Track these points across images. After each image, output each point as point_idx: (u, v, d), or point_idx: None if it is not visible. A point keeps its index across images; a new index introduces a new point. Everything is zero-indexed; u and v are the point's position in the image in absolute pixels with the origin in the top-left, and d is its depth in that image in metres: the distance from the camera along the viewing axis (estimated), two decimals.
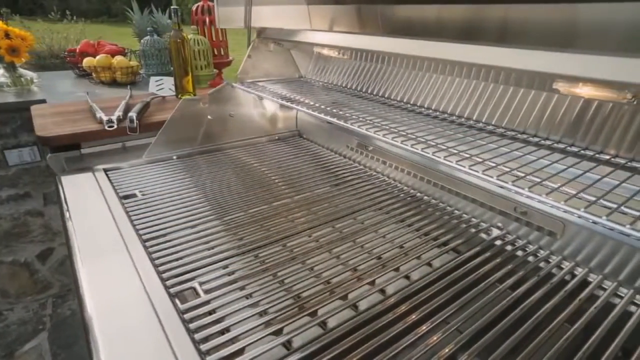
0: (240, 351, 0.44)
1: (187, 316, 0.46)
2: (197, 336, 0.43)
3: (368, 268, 0.60)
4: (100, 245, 0.57)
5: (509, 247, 0.65)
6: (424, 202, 0.80)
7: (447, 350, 0.45)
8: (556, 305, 0.52)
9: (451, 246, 0.66)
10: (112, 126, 0.91)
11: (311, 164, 0.98)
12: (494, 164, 0.52)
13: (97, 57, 1.73)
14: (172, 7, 1.17)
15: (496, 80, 0.68)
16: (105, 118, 0.92)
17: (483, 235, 0.69)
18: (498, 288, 0.55)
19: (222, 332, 0.46)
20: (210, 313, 0.49)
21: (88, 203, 0.69)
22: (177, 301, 0.49)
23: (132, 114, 0.94)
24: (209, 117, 0.97)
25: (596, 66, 0.41)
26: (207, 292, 0.51)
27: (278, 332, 0.48)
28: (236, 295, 0.53)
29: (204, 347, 0.42)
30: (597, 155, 0.55)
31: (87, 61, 1.78)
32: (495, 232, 0.69)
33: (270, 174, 0.91)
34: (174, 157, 0.94)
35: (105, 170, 0.84)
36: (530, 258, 0.62)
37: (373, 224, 0.72)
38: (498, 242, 0.66)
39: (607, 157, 0.54)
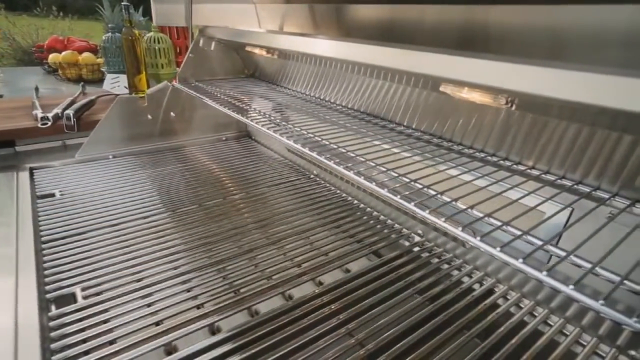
0: (113, 355, 0.42)
1: (55, 323, 0.44)
2: (55, 345, 0.41)
3: (281, 269, 0.59)
4: None
5: (425, 254, 0.63)
6: (353, 206, 0.78)
7: (345, 346, 0.45)
8: (459, 310, 0.51)
9: (373, 249, 0.65)
10: (46, 123, 0.89)
11: (254, 165, 0.96)
12: (420, 186, 0.50)
13: (63, 53, 1.71)
14: (123, 3, 1.15)
15: (425, 85, 0.66)
16: (40, 115, 0.90)
17: (404, 241, 0.68)
18: (408, 291, 0.54)
19: (96, 337, 0.44)
20: (91, 316, 0.47)
21: None
22: (54, 307, 0.47)
23: (70, 111, 0.92)
24: (149, 116, 0.95)
25: (473, 70, 0.39)
26: (90, 296, 0.50)
27: (162, 334, 0.46)
28: (131, 297, 0.51)
29: (57, 356, 0.40)
30: (512, 165, 0.54)
31: (52, 57, 1.76)
32: (417, 238, 0.67)
33: (209, 175, 0.90)
34: (110, 157, 0.92)
35: (32, 169, 0.82)
36: (445, 266, 0.61)
37: (300, 226, 0.71)
38: (417, 249, 0.65)
39: (524, 168, 0.52)
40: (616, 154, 0.42)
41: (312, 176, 0.90)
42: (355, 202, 0.79)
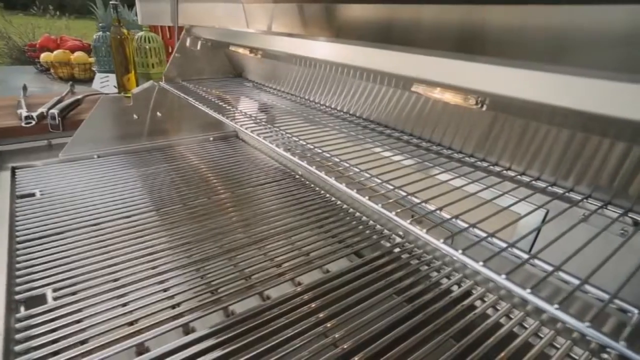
0: (82, 355, 0.42)
1: (21, 325, 0.44)
2: (20, 347, 0.41)
3: (260, 269, 0.58)
4: None
5: (405, 255, 0.63)
6: (337, 207, 0.78)
7: (322, 345, 0.44)
8: (437, 311, 0.50)
9: (354, 249, 0.64)
10: (30, 122, 0.89)
11: (240, 165, 0.95)
12: (391, 187, 0.49)
13: (55, 53, 1.70)
14: (111, 2, 1.14)
15: (397, 85, 0.66)
16: (25, 114, 0.90)
17: (385, 242, 0.67)
18: (386, 291, 0.54)
19: (66, 337, 0.44)
20: (62, 317, 0.47)
21: None
22: (23, 308, 0.47)
23: (54, 110, 0.92)
24: (135, 116, 0.94)
25: (443, 70, 0.39)
26: (63, 297, 0.49)
27: (135, 334, 0.46)
28: (105, 297, 0.51)
29: (21, 359, 0.39)
30: (489, 166, 0.53)
31: (44, 56, 1.75)
32: (397, 239, 0.67)
33: (194, 175, 0.89)
34: (95, 157, 0.91)
35: (14, 169, 0.81)
36: (424, 267, 0.60)
37: (282, 226, 0.70)
38: (397, 250, 0.64)
39: (500, 169, 0.52)
40: (596, 157, 0.42)
41: (297, 176, 0.90)
42: (339, 202, 0.79)
